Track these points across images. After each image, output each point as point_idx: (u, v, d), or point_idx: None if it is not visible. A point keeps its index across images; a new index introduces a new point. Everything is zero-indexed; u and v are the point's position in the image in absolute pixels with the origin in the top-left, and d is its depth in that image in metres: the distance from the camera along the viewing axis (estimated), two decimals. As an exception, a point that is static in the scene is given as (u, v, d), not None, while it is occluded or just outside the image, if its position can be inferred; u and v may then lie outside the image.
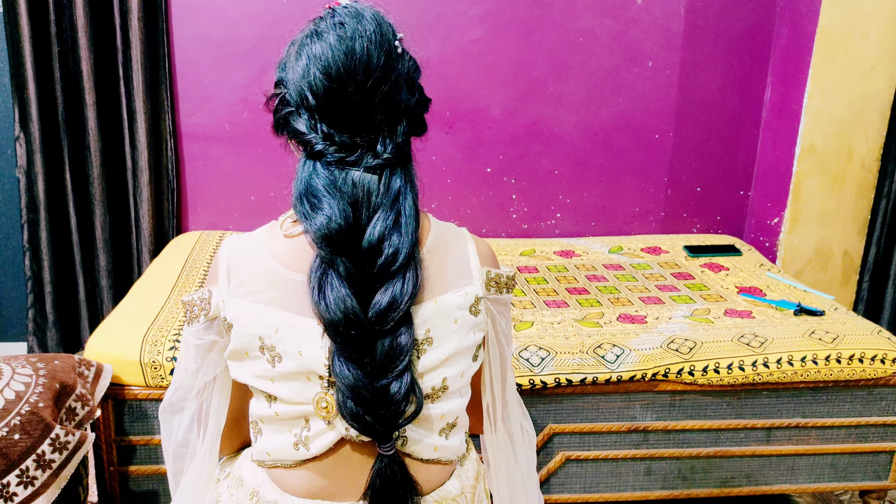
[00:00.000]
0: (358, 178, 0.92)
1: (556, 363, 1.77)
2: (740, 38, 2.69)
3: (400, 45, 0.95)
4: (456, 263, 1.02)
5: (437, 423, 1.02)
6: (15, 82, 2.39)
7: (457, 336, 0.99)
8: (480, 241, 1.08)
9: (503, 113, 2.69)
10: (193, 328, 1.01)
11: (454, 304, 0.99)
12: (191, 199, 2.68)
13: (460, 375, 1.02)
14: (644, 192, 2.82)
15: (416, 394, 0.94)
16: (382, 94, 0.92)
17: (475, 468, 1.13)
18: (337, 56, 0.90)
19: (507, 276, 1.07)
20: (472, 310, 1.01)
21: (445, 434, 1.03)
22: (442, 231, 1.03)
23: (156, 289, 2.05)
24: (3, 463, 1.34)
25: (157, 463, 1.75)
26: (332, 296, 0.90)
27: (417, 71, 1.00)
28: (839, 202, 2.60)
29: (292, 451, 0.99)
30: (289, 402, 0.97)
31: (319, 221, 0.91)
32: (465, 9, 2.58)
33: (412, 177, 0.97)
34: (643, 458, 1.86)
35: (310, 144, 0.93)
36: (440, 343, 0.98)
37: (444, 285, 0.99)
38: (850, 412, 1.89)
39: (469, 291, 1.01)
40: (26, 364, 1.52)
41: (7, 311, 2.68)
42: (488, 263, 1.06)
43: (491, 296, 1.05)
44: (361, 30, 0.92)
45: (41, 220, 2.49)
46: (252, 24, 2.52)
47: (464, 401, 1.05)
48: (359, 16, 0.94)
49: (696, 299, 2.16)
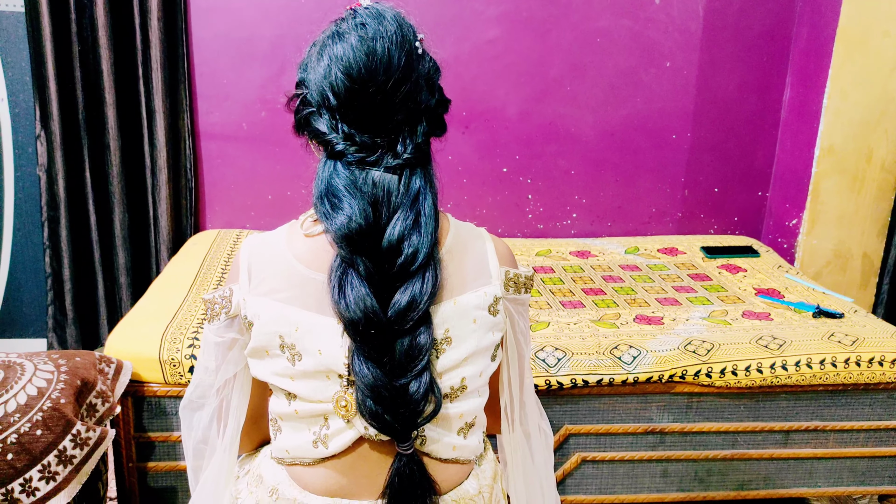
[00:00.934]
0: (378, 177, 0.93)
1: (573, 364, 1.76)
2: (759, 39, 2.68)
3: (420, 45, 0.96)
4: (475, 263, 1.02)
5: (455, 423, 1.02)
6: (36, 81, 2.41)
7: (476, 336, 1.00)
8: (499, 241, 1.09)
9: (519, 113, 2.69)
10: (214, 326, 1.02)
11: (473, 303, 0.99)
12: (208, 198, 2.69)
13: (479, 375, 1.02)
14: (661, 193, 2.81)
15: (434, 393, 0.94)
16: (403, 94, 0.93)
17: (493, 468, 1.13)
18: (358, 56, 0.91)
19: (525, 276, 1.07)
20: (491, 309, 1.01)
21: (464, 433, 1.04)
22: (461, 231, 1.04)
23: (174, 286, 2.07)
24: (26, 458, 1.36)
25: (174, 459, 1.76)
26: (352, 295, 0.91)
27: (437, 72, 1.01)
28: (858, 203, 2.57)
29: (311, 448, 0.99)
30: (308, 401, 0.97)
31: (340, 221, 0.91)
32: (482, 9, 2.58)
33: (432, 177, 0.99)
34: (659, 460, 1.85)
35: (331, 144, 0.94)
36: (459, 343, 0.98)
37: (462, 285, 0.99)
38: (870, 416, 1.87)
39: (488, 291, 1.01)
40: (48, 360, 1.54)
41: (27, 308, 2.71)
42: (507, 263, 1.06)
43: (510, 296, 1.05)
44: (383, 31, 0.92)
45: (61, 218, 2.52)
46: (270, 23, 2.53)
47: (482, 400, 1.06)
48: (380, 17, 0.94)
49: (713, 301, 2.15)
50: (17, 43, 2.48)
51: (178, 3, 2.46)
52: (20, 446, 1.36)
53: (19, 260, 2.66)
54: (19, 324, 2.72)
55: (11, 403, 1.41)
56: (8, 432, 1.37)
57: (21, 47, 2.48)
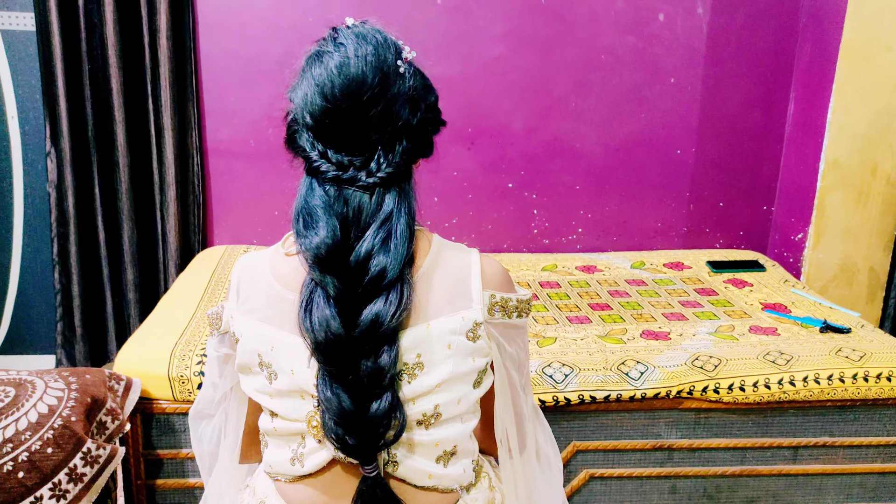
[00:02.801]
0: (350, 196, 0.93)
1: (580, 380, 1.76)
2: (763, 54, 2.69)
3: (403, 64, 0.94)
4: (453, 286, 0.98)
5: (432, 451, 0.99)
6: (46, 99, 2.43)
7: (451, 362, 0.96)
8: (492, 263, 1.04)
9: (525, 129, 2.70)
10: (212, 340, 1.07)
11: (448, 328, 0.96)
12: (216, 214, 2.70)
13: (457, 402, 0.98)
14: (666, 208, 2.81)
15: (397, 416, 0.93)
16: (377, 114, 0.92)
17: (485, 497, 1.08)
18: (332, 78, 0.92)
19: (518, 300, 1.03)
20: (470, 335, 0.98)
21: (444, 462, 1.01)
22: (444, 252, 1.01)
23: (182, 303, 2.07)
24: (37, 476, 1.36)
25: (183, 477, 1.76)
26: (317, 316, 0.90)
27: (424, 90, 0.98)
28: (864, 217, 2.57)
29: (289, 466, 1.00)
30: (285, 419, 0.98)
31: (310, 240, 0.92)
32: (488, 26, 2.59)
33: (409, 196, 0.96)
34: (668, 477, 1.84)
35: (308, 161, 0.95)
36: (432, 368, 0.96)
37: (438, 309, 0.96)
38: (879, 431, 1.86)
39: (466, 316, 0.97)
40: (58, 378, 1.54)
41: (36, 324, 2.72)
42: (494, 286, 1.01)
43: (496, 320, 1.00)
44: (359, 51, 0.92)
45: (70, 234, 2.53)
46: (277, 42, 2.55)
47: (466, 427, 1.02)
48: (359, 36, 0.94)
49: (719, 315, 2.14)
50: (28, 62, 2.50)
51: (187, 22, 2.48)
52: (31, 464, 1.36)
53: (28, 276, 2.67)
54: (28, 340, 2.72)
55: (23, 421, 1.41)
56: (19, 450, 1.37)
57: (31, 66, 2.50)
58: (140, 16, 2.45)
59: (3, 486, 1.34)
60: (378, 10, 2.53)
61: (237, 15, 2.53)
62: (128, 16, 2.44)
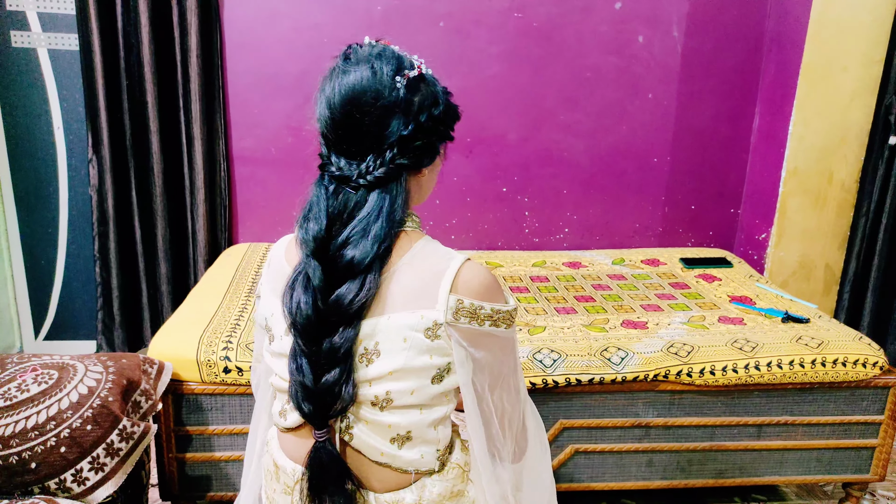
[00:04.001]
0: (342, 194, 0.94)
1: (567, 365, 1.74)
2: (731, 73, 2.66)
3: (401, 79, 0.92)
4: (420, 286, 0.95)
5: (385, 431, 0.98)
6: (89, 112, 2.41)
7: (404, 355, 0.94)
8: (474, 272, 0.96)
9: (518, 139, 2.68)
10: (256, 302, 1.12)
11: (406, 323, 0.93)
12: (241, 214, 2.68)
13: (409, 393, 0.96)
14: (644, 210, 2.79)
15: (343, 391, 0.93)
16: (369, 123, 0.92)
17: (446, 488, 1.04)
18: (336, 91, 0.92)
19: (493, 310, 0.95)
20: (429, 334, 0.94)
21: (398, 444, 0.99)
22: (422, 253, 0.97)
23: (210, 294, 2.05)
24: (77, 451, 1.34)
25: (210, 451, 1.74)
26: (295, 297, 0.93)
27: (423, 103, 0.95)
28: (821, 220, 2.55)
29: (279, 418, 1.04)
30: (279, 377, 1.02)
31: (305, 229, 0.95)
32: (486, 48, 2.57)
33: (394, 199, 0.94)
34: (645, 451, 1.83)
35: (321, 163, 0.98)
36: (386, 357, 0.94)
37: (401, 304, 0.94)
38: (834, 411, 1.84)
39: (426, 315, 0.93)
40: (97, 362, 1.52)
41: (79, 313, 2.70)
42: (466, 293, 0.94)
43: (461, 325, 0.94)
44: (360, 67, 0.92)
45: (110, 233, 2.51)
46: (296, 60, 2.53)
47: (424, 417, 0.98)
48: (367, 55, 0.94)
49: (692, 307, 2.12)
50: (73, 78, 2.48)
51: (215, 42, 2.46)
52: (72, 440, 1.34)
53: (72, 270, 2.66)
54: (72, 327, 2.71)
55: (65, 401, 1.39)
56: (61, 427, 1.35)
57: (75, 82, 2.48)
58: (173, 37, 2.43)
59: (48, 460, 1.32)
60: (386, 32, 2.51)
61: (260, 36, 2.51)
62: (162, 37, 2.42)
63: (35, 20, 2.42)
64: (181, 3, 2.39)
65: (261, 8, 2.48)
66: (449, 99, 1.00)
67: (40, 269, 2.65)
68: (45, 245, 2.62)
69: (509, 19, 2.55)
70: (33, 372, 1.45)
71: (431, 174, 1.03)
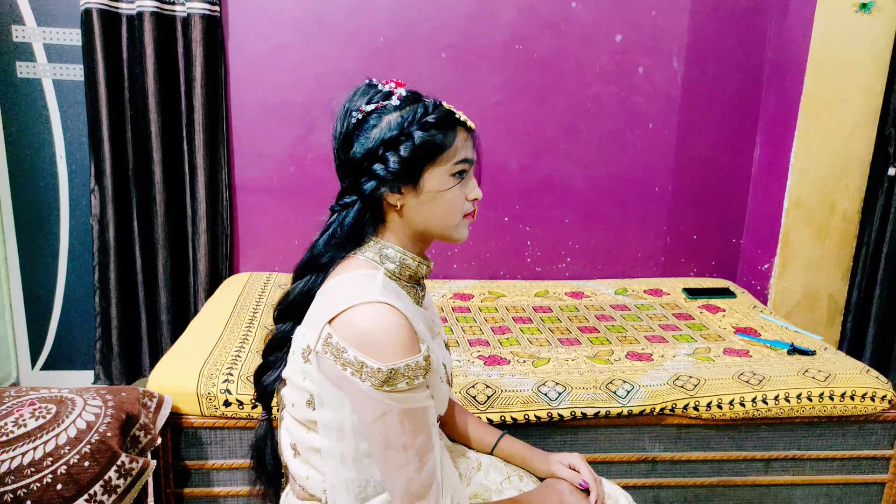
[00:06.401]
0: (328, 213, 1.06)
1: (572, 398, 1.72)
2: (732, 103, 2.68)
3: (358, 114, 1.00)
4: (322, 310, 0.96)
5: (286, 435, 1.09)
6: (92, 141, 2.42)
7: (291, 366, 1.03)
8: (361, 318, 0.91)
9: (519, 168, 2.68)
10: None
11: (299, 336, 1.02)
12: (242, 244, 2.67)
13: (292, 405, 1.03)
14: (646, 239, 2.79)
15: (262, 381, 1.09)
16: (336, 152, 1.03)
17: None
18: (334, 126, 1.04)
19: (356, 359, 0.90)
20: (304, 354, 0.98)
21: (294, 452, 1.07)
22: (341, 282, 0.98)
23: (210, 325, 2.03)
24: (74, 488, 1.31)
25: (209, 486, 1.71)
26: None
27: (370, 135, 0.99)
28: (824, 250, 2.55)
29: None
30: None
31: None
32: (487, 77, 2.59)
33: (343, 222, 1.03)
34: (652, 486, 1.79)
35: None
36: (290, 362, 1.04)
37: (307, 320, 1.02)
38: (843, 446, 1.82)
39: (306, 335, 0.98)
40: (96, 396, 1.50)
41: (77, 343, 2.67)
42: (338, 330, 0.92)
43: (327, 359, 0.93)
44: (343, 105, 1.03)
45: (111, 262, 2.50)
46: (299, 91, 2.54)
47: (309, 437, 1.01)
48: (351, 94, 1.03)
49: (696, 338, 2.10)
50: (76, 107, 2.49)
51: (220, 73, 2.48)
52: (69, 477, 1.32)
53: (71, 299, 2.64)
54: (69, 357, 2.68)
55: (63, 436, 1.36)
56: (58, 464, 1.32)
57: (78, 111, 2.49)
58: (178, 68, 2.45)
59: (43, 498, 1.29)
60: (389, 64, 2.53)
61: (264, 67, 2.52)
62: (167, 67, 2.43)
63: (41, 51, 2.44)
64: (186, 34, 2.41)
65: (266, 39, 2.50)
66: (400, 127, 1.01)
67: (39, 299, 2.63)
68: (44, 274, 2.61)
69: (510, 51, 2.57)
70: (31, 406, 1.42)
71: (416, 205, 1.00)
